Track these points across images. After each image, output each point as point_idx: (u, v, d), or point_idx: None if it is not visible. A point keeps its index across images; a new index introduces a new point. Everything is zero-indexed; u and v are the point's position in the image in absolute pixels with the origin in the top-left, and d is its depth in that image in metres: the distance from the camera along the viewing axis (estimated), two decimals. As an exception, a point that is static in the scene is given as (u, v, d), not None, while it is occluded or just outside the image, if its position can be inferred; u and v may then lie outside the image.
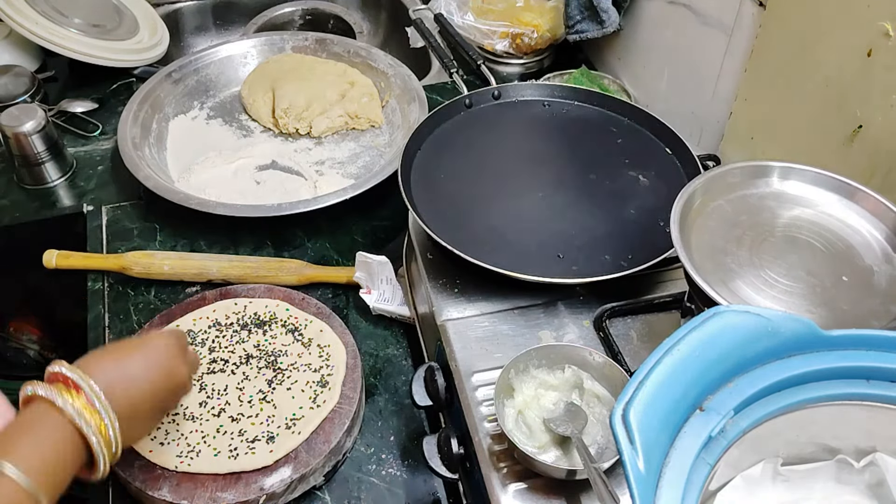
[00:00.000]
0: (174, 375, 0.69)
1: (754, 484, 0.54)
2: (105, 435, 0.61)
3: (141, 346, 0.69)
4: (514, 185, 0.95)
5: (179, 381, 0.70)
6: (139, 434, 0.70)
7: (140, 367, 0.67)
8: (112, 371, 0.64)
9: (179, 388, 0.70)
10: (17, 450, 0.57)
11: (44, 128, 1.13)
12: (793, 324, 0.53)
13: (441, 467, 0.74)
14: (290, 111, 1.23)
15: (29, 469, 0.56)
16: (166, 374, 0.68)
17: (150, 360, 0.68)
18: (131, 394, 0.64)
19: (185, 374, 0.70)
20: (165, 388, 0.68)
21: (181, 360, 0.70)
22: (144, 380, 0.66)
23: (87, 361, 0.64)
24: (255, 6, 1.63)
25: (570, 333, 0.81)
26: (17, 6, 1.26)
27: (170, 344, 0.70)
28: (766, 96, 0.95)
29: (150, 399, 0.66)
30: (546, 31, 1.37)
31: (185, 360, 0.71)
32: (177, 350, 0.70)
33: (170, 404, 0.71)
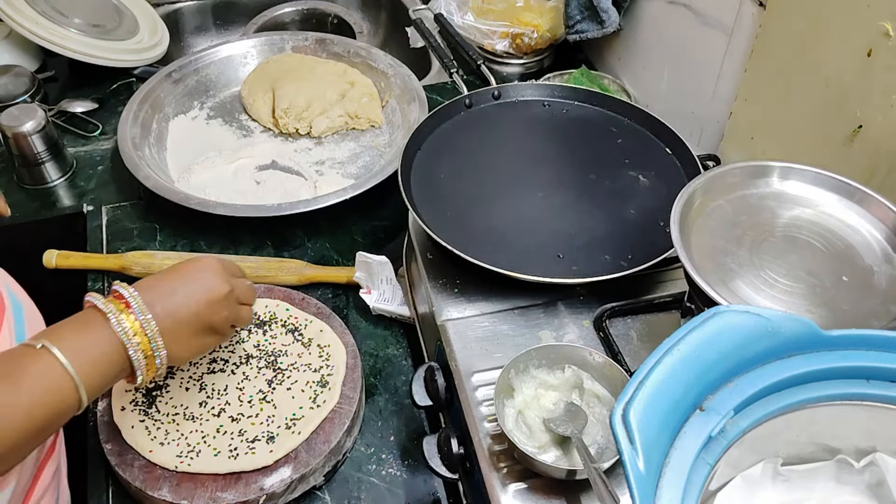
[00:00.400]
0: (211, 289, 0.71)
1: (754, 484, 0.54)
2: (148, 352, 0.66)
3: (182, 265, 0.73)
4: (514, 185, 0.95)
5: (216, 295, 0.71)
6: (185, 350, 0.71)
7: (178, 282, 0.70)
8: (156, 287, 0.69)
9: (218, 303, 0.71)
10: (67, 342, 0.62)
11: (44, 128, 1.13)
12: (793, 324, 0.53)
13: (441, 467, 0.74)
14: (290, 111, 1.23)
15: (75, 359, 0.61)
16: (203, 289, 0.70)
17: (187, 275, 0.71)
18: (169, 307, 0.68)
19: (224, 290, 0.71)
20: (204, 300, 0.70)
21: (220, 276, 0.72)
22: (183, 293, 0.69)
23: (139, 283, 0.69)
24: (255, 6, 1.63)
25: (570, 333, 0.81)
26: (17, 6, 1.26)
27: (210, 263, 0.73)
28: (766, 96, 0.95)
29: (189, 312, 0.69)
30: (546, 31, 1.37)
31: (226, 278, 0.72)
32: (217, 267, 0.73)
33: (214, 320, 0.71)
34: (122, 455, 0.78)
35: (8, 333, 0.70)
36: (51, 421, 0.60)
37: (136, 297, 0.66)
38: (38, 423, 0.59)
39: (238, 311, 0.75)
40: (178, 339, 0.69)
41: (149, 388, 0.84)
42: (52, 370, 0.60)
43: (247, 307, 0.77)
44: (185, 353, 0.71)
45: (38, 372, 0.59)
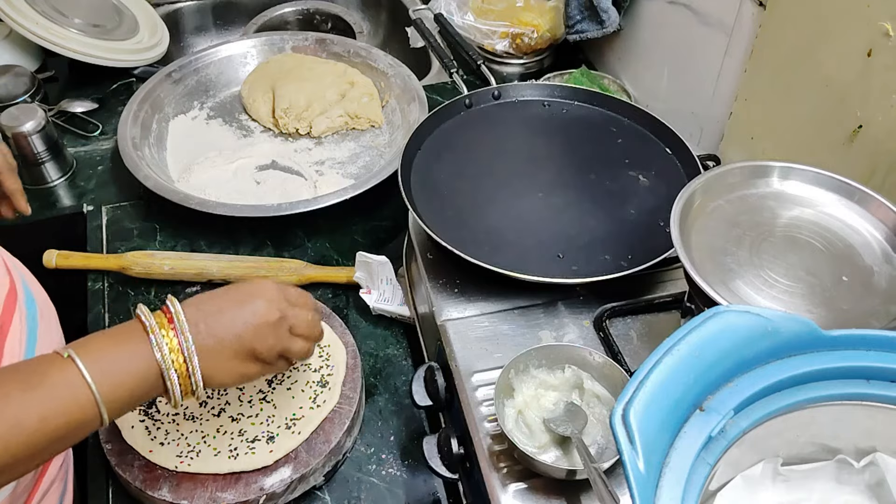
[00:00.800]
0: (258, 314, 0.67)
1: (754, 484, 0.54)
2: (183, 371, 0.63)
3: (238, 286, 0.70)
4: (514, 185, 0.95)
5: (263, 321, 0.67)
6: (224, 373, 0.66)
7: (228, 302, 0.67)
8: (204, 305, 0.66)
9: (263, 329, 0.67)
10: (95, 353, 0.59)
11: (44, 128, 1.13)
12: (793, 324, 0.53)
13: (441, 467, 0.74)
14: (290, 111, 1.23)
15: (99, 373, 0.58)
16: (250, 312, 0.67)
17: (239, 297, 0.68)
18: (213, 327, 0.65)
19: (272, 317, 0.67)
20: (249, 323, 0.66)
21: (272, 302, 0.68)
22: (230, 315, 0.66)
23: (190, 299, 0.67)
24: (255, 6, 1.63)
25: (570, 333, 0.81)
26: (17, 6, 1.26)
27: (265, 288, 0.69)
28: (766, 96, 0.95)
29: (232, 334, 0.65)
30: (546, 31, 1.37)
31: (278, 305, 0.68)
32: (271, 293, 0.69)
33: (258, 347, 0.67)
34: (122, 455, 0.78)
35: (19, 326, 0.70)
36: (67, 433, 0.58)
37: (179, 312, 0.64)
38: (52, 433, 0.56)
39: (289, 342, 0.70)
40: (217, 361, 0.65)
41: (149, 388, 0.84)
42: (72, 381, 0.58)
43: (302, 340, 0.72)
44: (225, 378, 0.67)
45: (57, 381, 0.57)
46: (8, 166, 0.88)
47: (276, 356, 0.69)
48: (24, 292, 0.74)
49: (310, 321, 0.72)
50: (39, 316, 0.74)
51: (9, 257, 0.77)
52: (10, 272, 0.74)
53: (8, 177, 0.88)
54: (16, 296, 0.72)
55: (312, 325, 0.73)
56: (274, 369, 0.71)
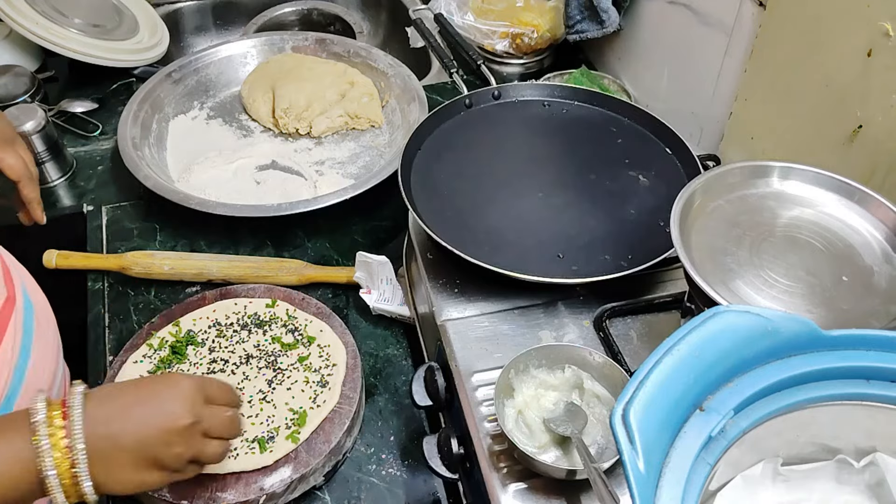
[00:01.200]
0: (169, 418, 0.60)
1: (754, 484, 0.54)
2: (69, 478, 0.56)
3: (155, 380, 0.63)
4: (514, 185, 0.95)
5: (172, 426, 0.60)
6: (118, 482, 0.59)
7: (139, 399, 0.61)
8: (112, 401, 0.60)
9: (172, 435, 0.60)
10: None
11: (44, 128, 1.13)
12: (793, 324, 0.53)
13: (441, 467, 0.74)
14: (290, 111, 1.23)
15: None
16: (159, 414, 0.60)
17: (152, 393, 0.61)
18: (113, 429, 0.58)
19: (183, 422, 0.60)
20: (156, 428, 0.59)
21: (186, 403, 0.61)
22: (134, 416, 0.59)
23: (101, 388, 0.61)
24: (255, 6, 1.63)
25: (570, 333, 0.81)
26: (17, 6, 1.26)
27: (182, 386, 0.62)
28: (766, 96, 0.95)
29: (134, 439, 0.59)
30: (546, 31, 1.37)
31: (192, 408, 0.61)
32: (188, 392, 0.62)
33: (163, 454, 0.60)
34: (122, 455, 0.78)
35: (13, 332, 0.70)
36: None
37: (76, 408, 0.57)
38: None
39: (202, 447, 0.63)
40: (113, 467, 0.58)
41: (149, 388, 0.84)
42: None
43: (218, 442, 0.64)
44: (119, 485, 0.59)
45: None
46: (28, 174, 0.87)
47: (185, 464, 0.63)
48: (22, 299, 0.73)
49: (227, 420, 0.65)
50: (35, 323, 0.74)
51: (12, 263, 0.77)
52: (12, 279, 0.74)
53: (26, 184, 0.87)
54: (13, 303, 0.71)
55: (231, 423, 0.66)
56: (181, 476, 0.64)
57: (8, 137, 0.86)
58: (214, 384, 0.66)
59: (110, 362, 0.89)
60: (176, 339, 0.89)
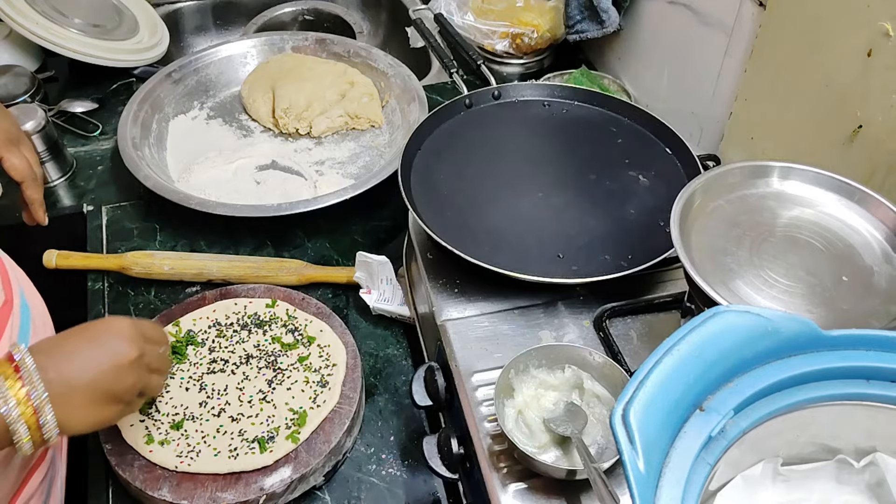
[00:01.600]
0: (117, 354, 0.64)
1: (754, 484, 0.54)
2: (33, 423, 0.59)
3: (90, 326, 0.66)
4: (514, 185, 0.95)
5: (121, 360, 0.64)
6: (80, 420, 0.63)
7: (81, 344, 0.64)
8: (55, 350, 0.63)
9: (123, 370, 0.64)
10: None
11: (44, 128, 1.13)
12: (793, 324, 0.53)
13: (441, 467, 0.74)
14: (290, 111, 1.23)
15: None
16: (107, 353, 0.64)
17: (93, 337, 0.65)
18: (65, 372, 0.61)
19: (131, 356, 0.65)
20: (107, 366, 0.63)
21: (129, 340, 0.65)
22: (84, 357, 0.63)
23: (40, 343, 0.63)
24: (255, 6, 1.63)
25: (570, 333, 0.81)
26: (17, 6, 1.26)
27: (119, 326, 0.66)
28: (766, 96, 0.95)
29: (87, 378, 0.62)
30: (546, 31, 1.37)
31: (136, 343, 0.66)
32: (127, 331, 0.66)
33: (117, 388, 0.64)
34: (122, 455, 0.78)
35: (9, 337, 0.70)
36: None
37: (26, 360, 0.60)
38: None
39: (148, 379, 0.68)
40: (72, 408, 0.61)
41: (149, 388, 0.84)
42: None
43: (157, 375, 0.70)
44: (80, 424, 0.63)
45: None
46: (31, 175, 0.87)
47: (135, 396, 0.67)
48: (20, 303, 0.73)
49: (161, 355, 0.71)
50: (32, 326, 0.74)
51: (11, 266, 0.77)
52: (10, 282, 0.74)
53: (30, 185, 0.87)
54: (11, 307, 0.71)
55: (164, 359, 0.71)
56: (131, 409, 0.68)
57: (13, 137, 0.86)
58: (146, 324, 0.70)
59: (110, 362, 0.89)
60: (176, 339, 0.89)
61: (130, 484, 0.77)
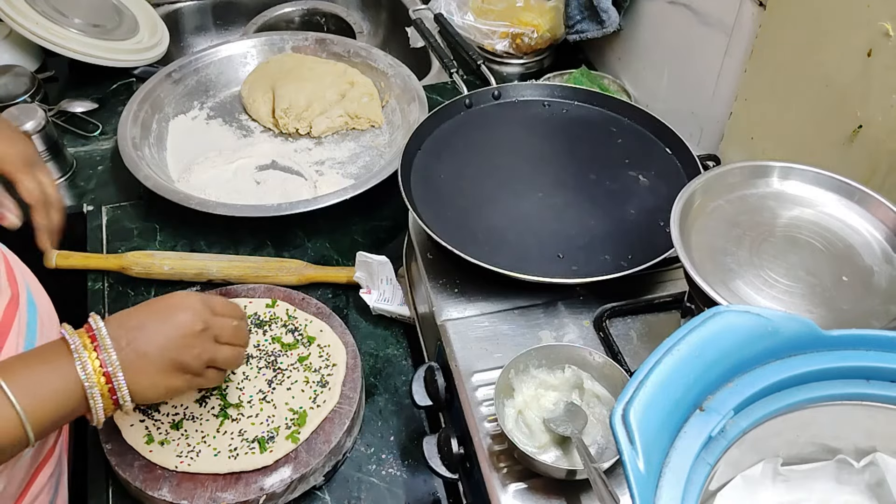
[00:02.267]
0: (182, 325, 0.67)
1: (754, 484, 0.54)
2: (105, 391, 0.63)
3: (159, 299, 0.70)
4: (514, 185, 0.95)
5: (186, 331, 0.67)
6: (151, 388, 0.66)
7: (150, 316, 0.67)
8: (125, 321, 0.66)
9: (188, 340, 0.67)
10: (20, 376, 0.60)
11: (44, 128, 1.13)
12: (793, 324, 0.53)
13: (441, 467, 0.74)
14: (290, 111, 1.23)
15: (24, 395, 0.59)
16: (173, 324, 0.67)
17: (160, 309, 0.68)
18: (135, 342, 0.65)
19: (195, 328, 0.67)
20: (173, 336, 0.66)
21: (194, 313, 0.68)
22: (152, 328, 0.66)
23: (113, 316, 0.67)
24: (255, 6, 1.63)
25: (570, 333, 0.81)
26: (17, 6, 1.26)
27: (186, 299, 0.69)
28: (766, 96, 0.95)
29: (156, 347, 0.66)
30: (546, 31, 1.37)
31: (201, 315, 0.69)
32: (193, 304, 0.69)
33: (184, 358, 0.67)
34: (122, 455, 0.78)
35: (17, 333, 0.70)
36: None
37: (101, 330, 0.64)
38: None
39: (216, 351, 0.70)
40: (142, 375, 0.65)
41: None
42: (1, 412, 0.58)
43: (229, 347, 0.72)
44: (152, 392, 0.67)
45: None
46: (42, 199, 0.87)
47: (203, 366, 0.69)
48: (26, 300, 0.73)
49: (234, 328, 0.72)
50: (39, 323, 0.74)
51: (16, 263, 0.77)
52: (16, 279, 0.74)
53: (38, 210, 0.88)
54: (17, 304, 0.72)
55: (238, 332, 0.73)
56: (203, 381, 0.71)
57: (30, 161, 0.87)
58: (218, 299, 0.73)
59: (110, 362, 0.89)
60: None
61: (130, 484, 0.77)
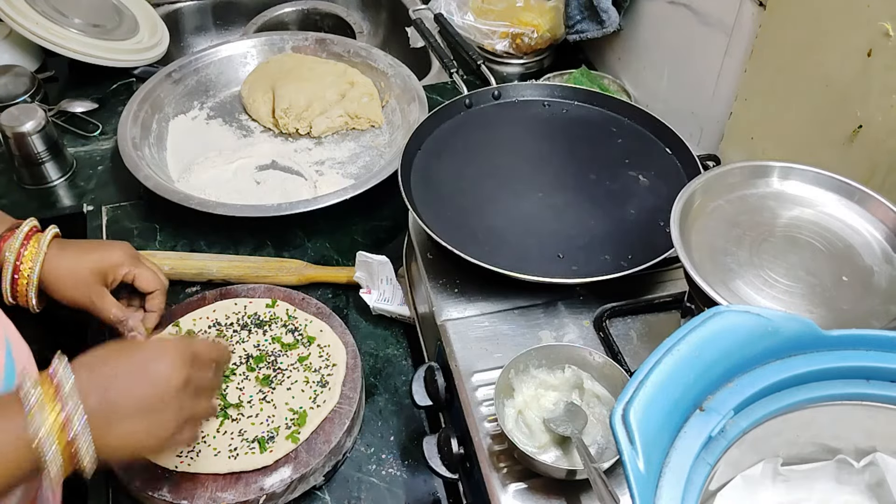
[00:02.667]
0: (162, 382, 0.60)
1: (754, 484, 0.54)
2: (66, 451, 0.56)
3: (138, 346, 0.64)
4: (514, 185, 0.95)
5: (167, 389, 0.60)
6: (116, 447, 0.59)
7: (125, 366, 0.60)
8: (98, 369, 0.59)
9: (167, 398, 0.60)
10: None
11: (44, 128, 1.13)
12: (793, 324, 0.53)
13: (441, 467, 0.74)
14: (290, 111, 1.23)
15: None
16: (152, 379, 0.60)
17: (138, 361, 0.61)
18: (107, 397, 0.58)
19: (176, 383, 0.61)
20: (150, 393, 0.60)
21: (175, 366, 0.61)
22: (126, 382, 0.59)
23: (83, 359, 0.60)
24: (255, 6, 1.63)
25: (570, 333, 0.81)
26: (17, 6, 1.26)
27: (167, 349, 0.62)
28: (766, 96, 0.95)
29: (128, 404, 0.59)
30: (546, 31, 1.37)
31: (182, 369, 0.62)
32: (173, 355, 0.62)
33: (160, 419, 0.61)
34: (122, 455, 0.78)
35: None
36: None
37: (68, 381, 0.56)
38: None
39: (194, 407, 0.64)
40: (111, 436, 0.58)
41: (149, 388, 0.84)
42: None
43: (207, 399, 0.66)
44: (117, 451, 0.59)
45: None
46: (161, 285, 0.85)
47: (181, 426, 0.63)
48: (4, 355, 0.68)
49: (213, 379, 0.66)
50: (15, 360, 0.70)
51: None
52: None
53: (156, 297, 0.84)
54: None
55: (216, 381, 0.67)
56: (179, 439, 0.64)
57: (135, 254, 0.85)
58: (199, 344, 0.66)
59: (110, 362, 0.89)
60: (176, 339, 0.89)
61: (130, 484, 0.77)
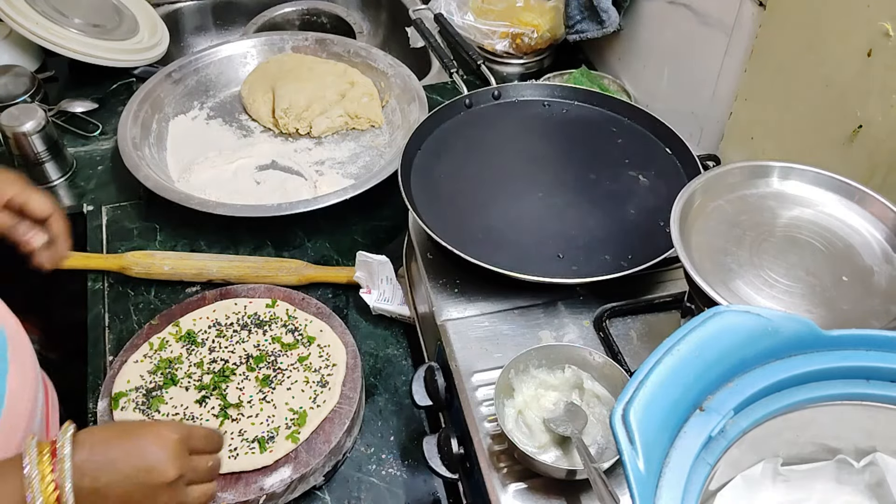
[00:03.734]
0: (155, 473, 0.60)
1: (754, 484, 0.54)
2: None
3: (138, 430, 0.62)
4: (514, 185, 0.95)
5: (156, 480, 0.60)
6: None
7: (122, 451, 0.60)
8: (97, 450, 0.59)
9: (159, 488, 0.60)
10: None
11: (44, 128, 1.13)
12: (793, 324, 0.53)
13: (441, 467, 0.74)
14: (290, 111, 1.23)
15: None
16: (145, 470, 0.59)
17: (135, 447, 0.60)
18: (100, 482, 0.58)
19: (168, 476, 0.60)
20: (142, 483, 0.59)
21: (170, 458, 0.61)
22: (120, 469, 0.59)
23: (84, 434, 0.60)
24: (255, 6, 1.63)
25: (570, 333, 0.81)
26: (17, 6, 1.26)
27: (165, 439, 0.61)
28: (766, 96, 0.95)
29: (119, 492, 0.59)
30: (546, 31, 1.37)
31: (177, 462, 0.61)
32: (171, 446, 0.61)
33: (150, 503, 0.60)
34: (122, 455, 0.78)
35: None
36: None
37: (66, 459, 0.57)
38: None
39: (185, 496, 0.63)
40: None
41: (149, 388, 0.84)
42: None
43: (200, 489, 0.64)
44: None
45: None
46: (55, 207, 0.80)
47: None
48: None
49: (210, 469, 0.65)
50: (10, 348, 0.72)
51: None
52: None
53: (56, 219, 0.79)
54: None
55: (213, 469, 0.66)
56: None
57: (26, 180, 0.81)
58: (198, 432, 0.66)
59: (110, 362, 0.89)
60: (176, 339, 0.89)
61: (130, 484, 0.77)
